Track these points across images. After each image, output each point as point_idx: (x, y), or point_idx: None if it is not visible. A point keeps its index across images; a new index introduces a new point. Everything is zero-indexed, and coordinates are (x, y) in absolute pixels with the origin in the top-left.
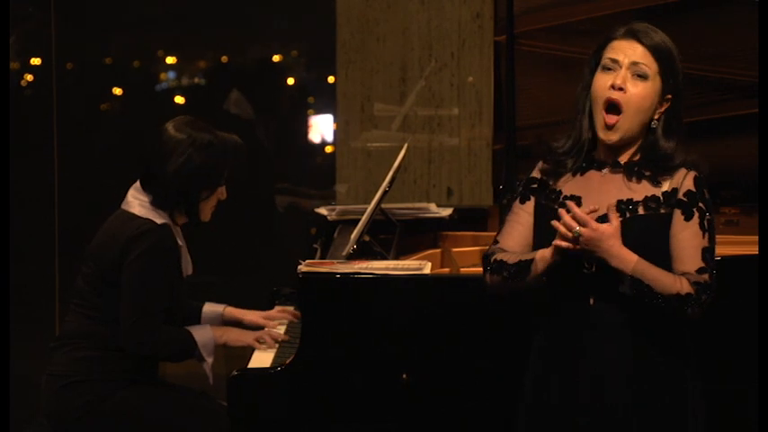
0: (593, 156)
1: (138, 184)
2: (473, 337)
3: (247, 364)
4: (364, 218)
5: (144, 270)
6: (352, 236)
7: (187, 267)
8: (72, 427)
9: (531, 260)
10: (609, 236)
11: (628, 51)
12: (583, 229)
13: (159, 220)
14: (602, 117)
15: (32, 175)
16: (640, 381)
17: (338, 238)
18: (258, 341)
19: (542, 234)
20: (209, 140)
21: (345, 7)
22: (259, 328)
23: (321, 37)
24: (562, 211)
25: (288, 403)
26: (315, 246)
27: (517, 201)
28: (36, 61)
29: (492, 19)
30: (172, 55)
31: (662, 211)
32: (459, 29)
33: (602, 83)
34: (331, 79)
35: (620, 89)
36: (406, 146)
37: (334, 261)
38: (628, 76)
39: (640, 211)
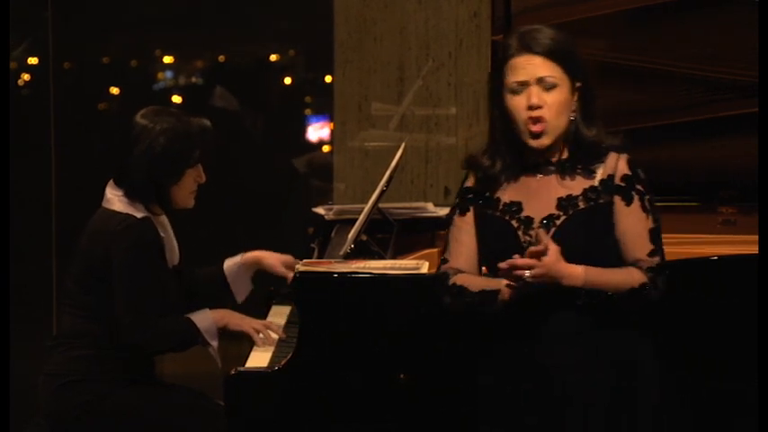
0: (523, 160)
1: (112, 180)
2: (470, 336)
3: (244, 363)
4: (361, 217)
5: (131, 267)
6: (350, 235)
7: (173, 257)
8: (71, 426)
9: (496, 291)
10: (552, 263)
11: (528, 68)
12: (528, 276)
13: (139, 214)
14: (527, 129)
15: (30, 174)
16: (598, 382)
17: (335, 238)
18: (256, 332)
19: (487, 243)
20: (171, 125)
21: (343, 7)
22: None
23: (318, 36)
24: (506, 265)
25: (285, 403)
26: (312, 245)
27: (457, 213)
28: (33, 61)
29: (489, 18)
30: (169, 54)
31: (601, 200)
32: (457, 28)
33: (518, 105)
34: (328, 79)
35: (539, 107)
36: (403, 145)
37: (332, 261)
38: (539, 92)
39: (581, 205)
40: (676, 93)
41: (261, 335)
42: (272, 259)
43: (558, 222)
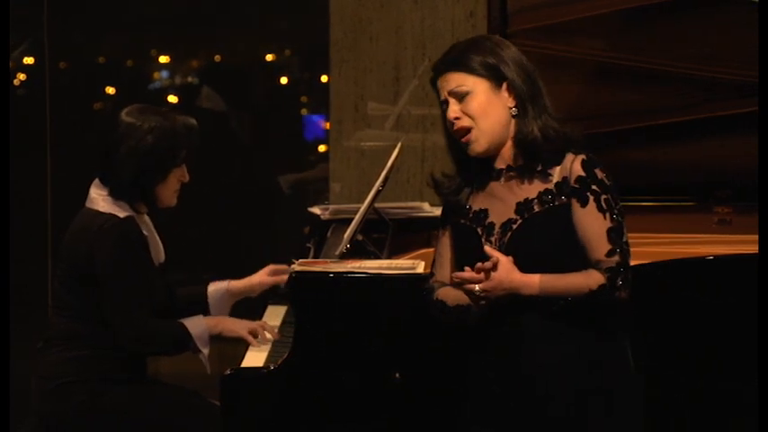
0: (491, 166)
1: (97, 180)
2: (465, 336)
3: (240, 363)
4: (357, 217)
5: (116, 267)
6: (346, 235)
7: (158, 255)
8: (67, 427)
9: (468, 305)
10: (504, 276)
11: (443, 84)
12: (479, 289)
13: (122, 214)
14: (462, 142)
15: (26, 174)
16: (579, 382)
17: (331, 238)
18: (252, 335)
19: (460, 252)
20: (157, 123)
21: (338, 6)
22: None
23: (314, 36)
24: (456, 278)
25: (281, 402)
26: (308, 245)
27: (440, 227)
28: (29, 60)
29: (485, 18)
30: (165, 54)
31: (557, 202)
32: (453, 28)
33: (447, 123)
34: (324, 78)
35: (456, 118)
36: (399, 145)
37: (328, 260)
38: (454, 105)
39: (536, 208)
40: (672, 93)
41: (257, 338)
42: (259, 278)
43: (514, 227)
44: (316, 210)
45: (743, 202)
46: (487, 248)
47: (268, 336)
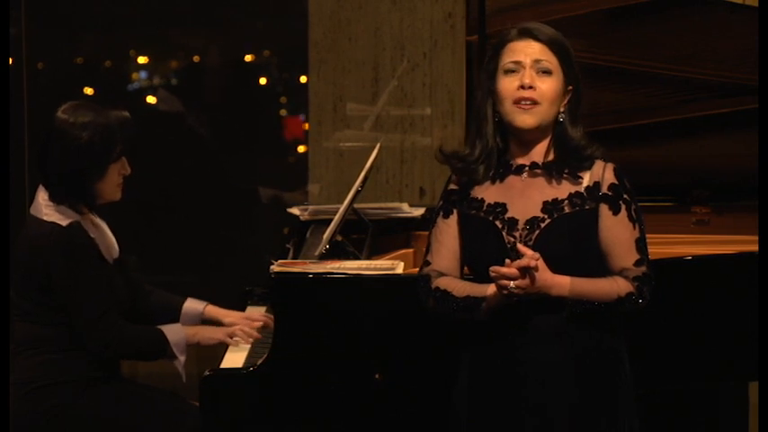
0: (508, 161)
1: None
2: (445, 336)
3: (219, 364)
4: (337, 218)
5: (71, 280)
6: (325, 236)
7: (110, 252)
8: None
9: (481, 298)
10: (539, 274)
11: (527, 50)
12: (514, 287)
13: (65, 221)
14: (514, 108)
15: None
16: (575, 385)
17: (311, 238)
18: (231, 337)
19: (471, 244)
20: (90, 119)
21: (317, 7)
22: None
23: (293, 37)
24: (494, 271)
25: (260, 403)
26: (287, 246)
27: (441, 216)
28: None
29: (464, 19)
30: (143, 55)
31: (587, 207)
32: (431, 29)
33: (509, 85)
34: (303, 79)
35: (531, 87)
36: (378, 146)
37: (307, 261)
38: (533, 75)
39: (566, 209)
40: (651, 93)
41: (237, 340)
42: (234, 317)
43: (542, 225)
44: (295, 210)
45: (720, 203)
46: (521, 247)
47: (250, 332)
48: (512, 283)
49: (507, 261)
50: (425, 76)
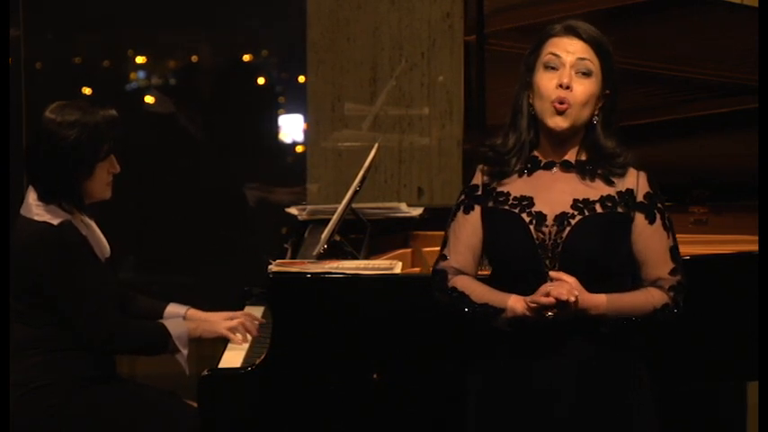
0: (537, 156)
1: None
2: (444, 336)
3: (218, 364)
4: (335, 218)
5: (66, 279)
6: (323, 235)
7: (102, 251)
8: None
9: (501, 308)
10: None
11: (570, 48)
12: (551, 316)
13: (56, 220)
14: (550, 107)
15: None
16: (596, 402)
17: (309, 238)
18: (231, 331)
19: (496, 237)
20: (76, 118)
21: (316, 7)
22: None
23: (291, 37)
24: (533, 301)
25: (258, 403)
26: (285, 245)
27: (461, 211)
28: None
29: (462, 19)
30: (142, 55)
31: (619, 210)
32: (430, 28)
33: (547, 82)
34: (301, 79)
35: (567, 88)
36: (376, 145)
37: (305, 261)
38: (572, 75)
39: (598, 209)
40: (649, 93)
41: (237, 335)
42: (217, 318)
43: (572, 222)
44: (293, 210)
45: (718, 202)
46: (553, 273)
47: (248, 335)
48: (549, 314)
49: (551, 273)
50: (424, 75)
